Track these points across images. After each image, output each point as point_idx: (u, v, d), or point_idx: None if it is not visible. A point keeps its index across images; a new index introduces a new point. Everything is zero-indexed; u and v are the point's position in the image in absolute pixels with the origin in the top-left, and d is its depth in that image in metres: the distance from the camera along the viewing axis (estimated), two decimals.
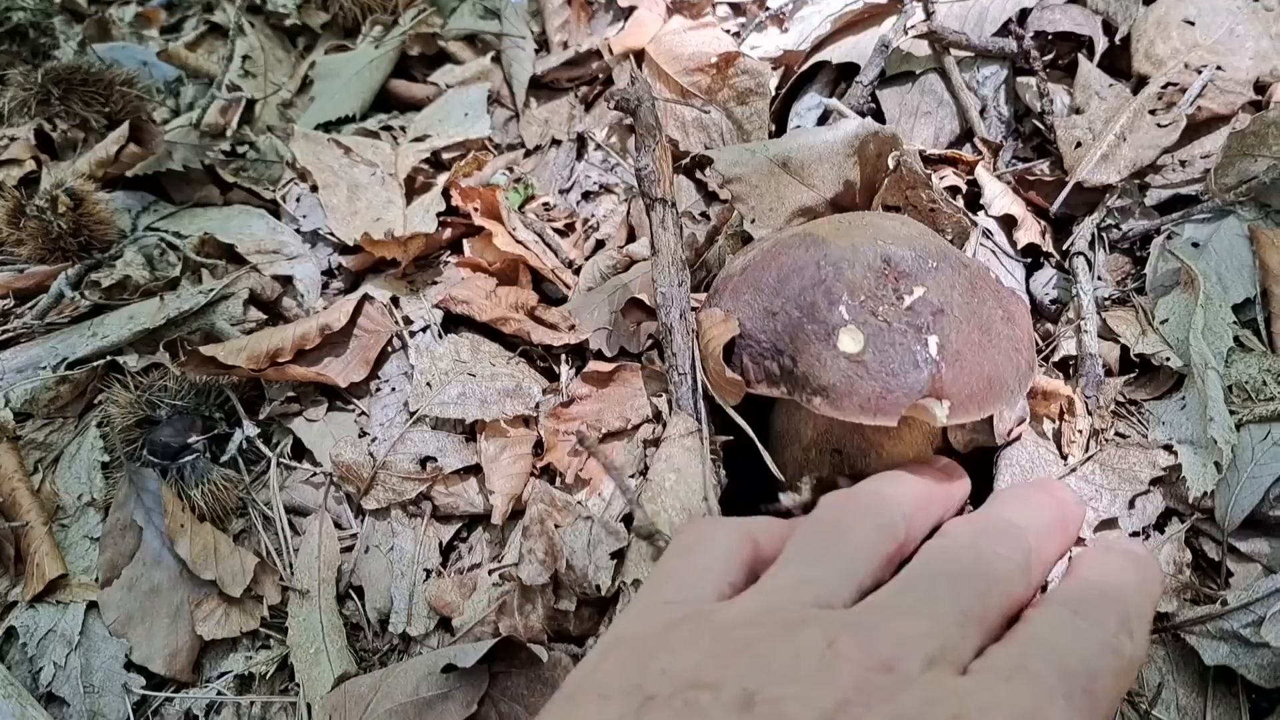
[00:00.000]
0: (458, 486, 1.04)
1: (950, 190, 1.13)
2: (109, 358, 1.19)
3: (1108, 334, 1.04)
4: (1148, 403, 0.99)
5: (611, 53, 1.54)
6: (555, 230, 1.38)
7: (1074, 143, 1.16)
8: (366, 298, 1.19)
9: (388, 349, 1.18)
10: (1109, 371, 1.01)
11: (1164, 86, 1.16)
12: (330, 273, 1.36)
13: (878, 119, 1.28)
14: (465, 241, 1.35)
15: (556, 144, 1.51)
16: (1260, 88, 1.16)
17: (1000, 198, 1.12)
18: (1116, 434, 0.97)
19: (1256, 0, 1.22)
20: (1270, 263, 1.01)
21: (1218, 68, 1.15)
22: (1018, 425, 0.93)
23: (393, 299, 1.22)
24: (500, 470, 1.01)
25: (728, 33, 1.49)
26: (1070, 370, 1.01)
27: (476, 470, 1.04)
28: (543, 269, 1.27)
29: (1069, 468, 0.92)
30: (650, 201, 0.98)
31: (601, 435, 0.99)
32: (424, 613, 0.96)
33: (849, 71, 1.32)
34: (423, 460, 1.06)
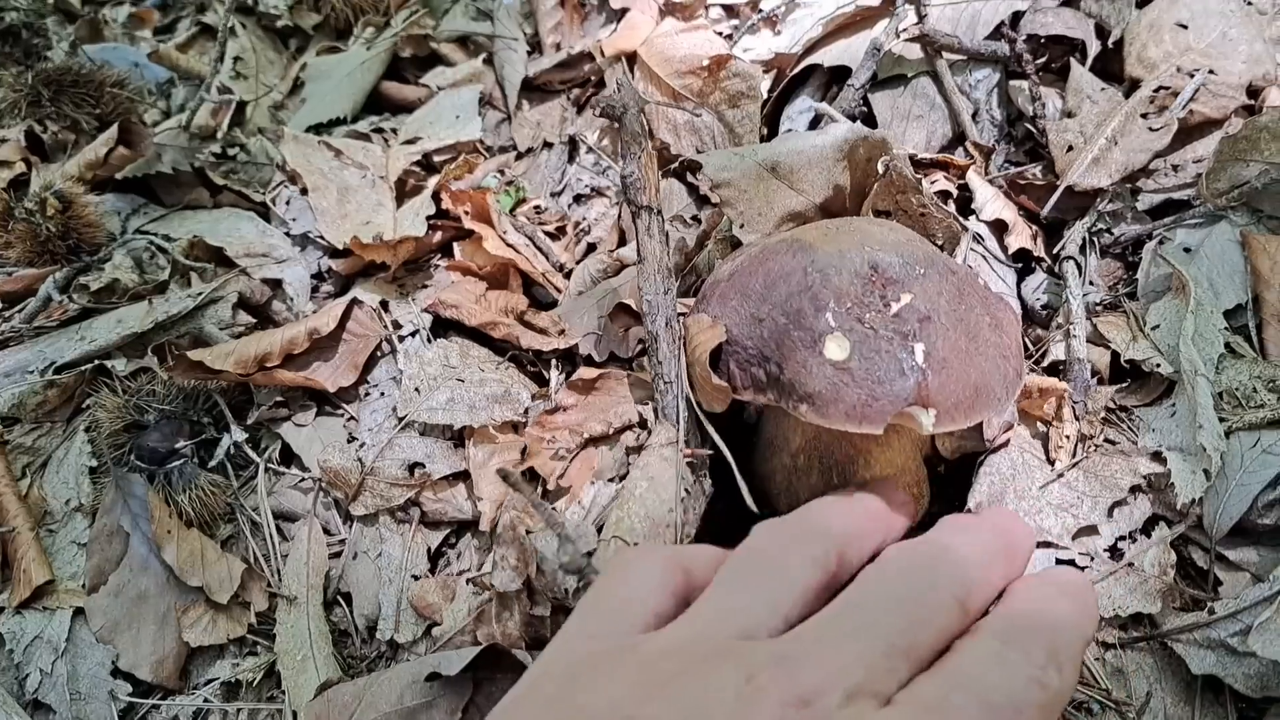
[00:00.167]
0: (446, 493, 1.04)
1: (941, 195, 1.13)
2: (97, 362, 1.18)
3: (1098, 339, 1.04)
4: (1138, 409, 0.99)
5: (604, 55, 1.53)
6: (546, 234, 1.37)
7: (1065, 146, 1.15)
8: (355, 302, 1.19)
9: (377, 353, 1.18)
10: (1100, 379, 1.01)
11: (1156, 90, 1.16)
12: (320, 276, 1.36)
13: (869, 122, 1.27)
14: (456, 245, 1.34)
15: (548, 146, 1.51)
16: (1253, 92, 1.15)
17: (991, 202, 1.12)
18: (1106, 440, 0.97)
19: (1250, 3, 1.21)
20: (1262, 268, 1.01)
21: (1210, 71, 1.15)
22: (1004, 432, 0.92)
23: (382, 303, 1.22)
24: (488, 477, 1.01)
25: (720, 35, 1.48)
26: (1059, 376, 1.01)
27: (465, 476, 1.04)
28: (533, 273, 1.27)
29: (1054, 474, 0.91)
30: (636, 209, 0.98)
31: (584, 441, 0.98)
32: (412, 619, 0.96)
33: (841, 74, 1.31)
34: (411, 466, 1.05)
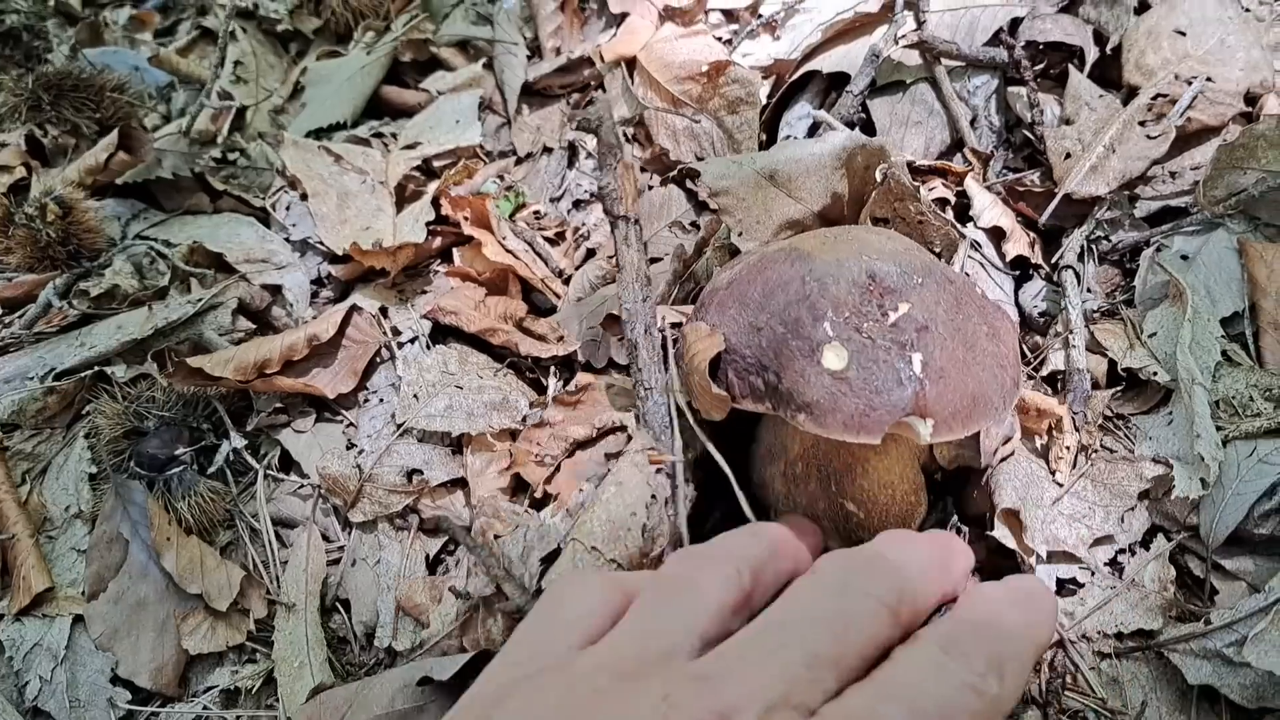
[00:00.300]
0: (444, 499, 1.04)
1: (939, 202, 1.13)
2: (97, 368, 1.19)
3: (1095, 347, 1.04)
4: (1135, 417, 0.99)
5: (603, 60, 1.53)
6: (545, 239, 1.37)
7: (1064, 154, 1.15)
8: (355, 308, 1.19)
9: (376, 360, 1.18)
10: (1096, 385, 1.01)
11: (1154, 97, 1.16)
12: (320, 282, 1.36)
13: (868, 128, 1.27)
14: (455, 250, 1.34)
15: (548, 151, 1.51)
16: (1250, 99, 1.15)
17: (989, 209, 1.12)
18: (1103, 447, 0.97)
19: (1248, 10, 1.21)
20: (1259, 276, 1.01)
21: (1208, 79, 1.15)
22: (1005, 443, 0.93)
23: (381, 309, 1.22)
24: (485, 484, 1.01)
25: (719, 40, 1.48)
26: (1058, 385, 1.01)
27: (463, 483, 1.04)
28: (532, 279, 1.27)
29: (1061, 486, 0.91)
30: (614, 219, 0.99)
31: (570, 447, 0.99)
32: (409, 627, 0.96)
33: (840, 81, 1.31)
34: (409, 473, 1.05)
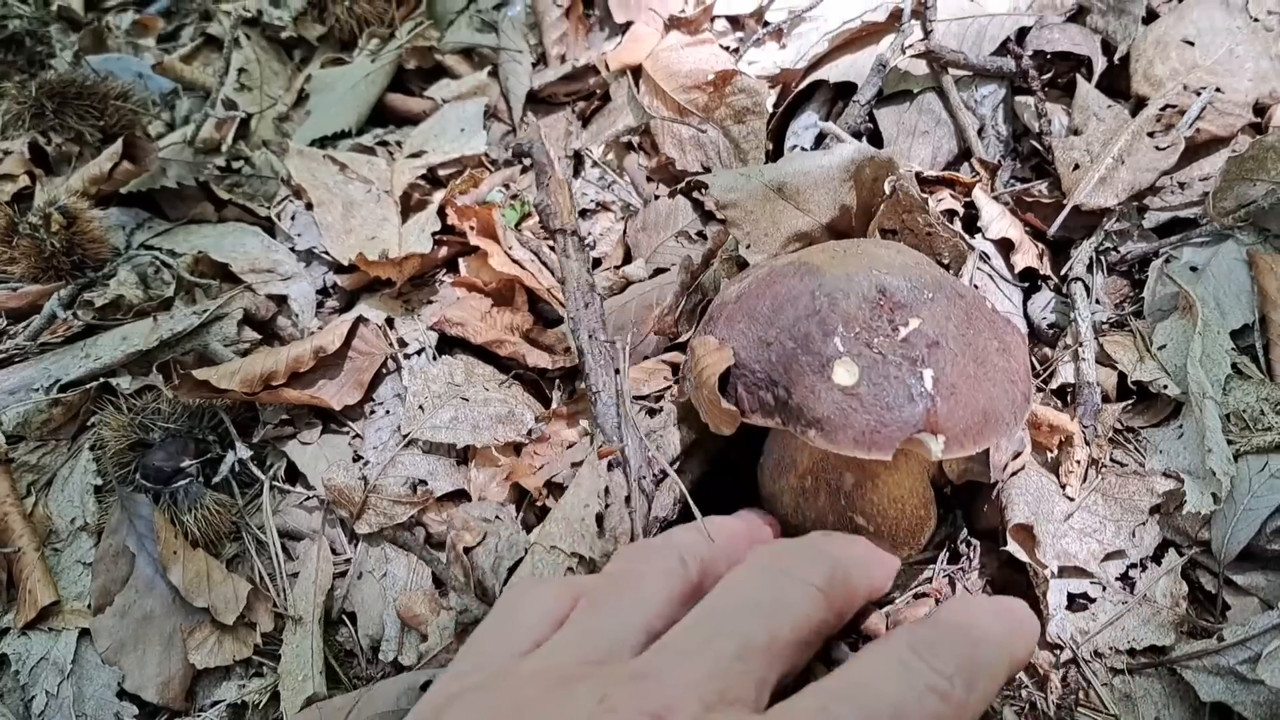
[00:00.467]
0: (449, 511, 1.04)
1: (947, 213, 1.12)
2: (102, 379, 1.18)
3: (1105, 360, 1.03)
4: (1145, 430, 0.99)
5: (608, 68, 1.53)
6: (551, 249, 1.37)
7: (1072, 165, 1.15)
8: (361, 319, 1.19)
9: (382, 371, 1.18)
10: (1106, 398, 1.01)
11: (1163, 108, 1.15)
12: (325, 292, 1.35)
13: (875, 138, 1.27)
14: (461, 260, 1.34)
15: None
16: (1259, 110, 1.15)
17: (998, 220, 1.12)
18: (1113, 461, 0.97)
19: (1256, 21, 1.21)
20: (1269, 288, 1.00)
21: (1217, 89, 1.15)
22: (1016, 458, 0.92)
23: (387, 320, 1.21)
24: (488, 496, 1.01)
25: (725, 48, 1.48)
26: (1068, 398, 1.01)
27: (467, 496, 1.04)
28: (539, 289, 1.27)
29: (1072, 500, 0.91)
30: (550, 233, 1.03)
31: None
32: (415, 641, 0.96)
33: (847, 90, 1.31)
34: (414, 484, 1.05)
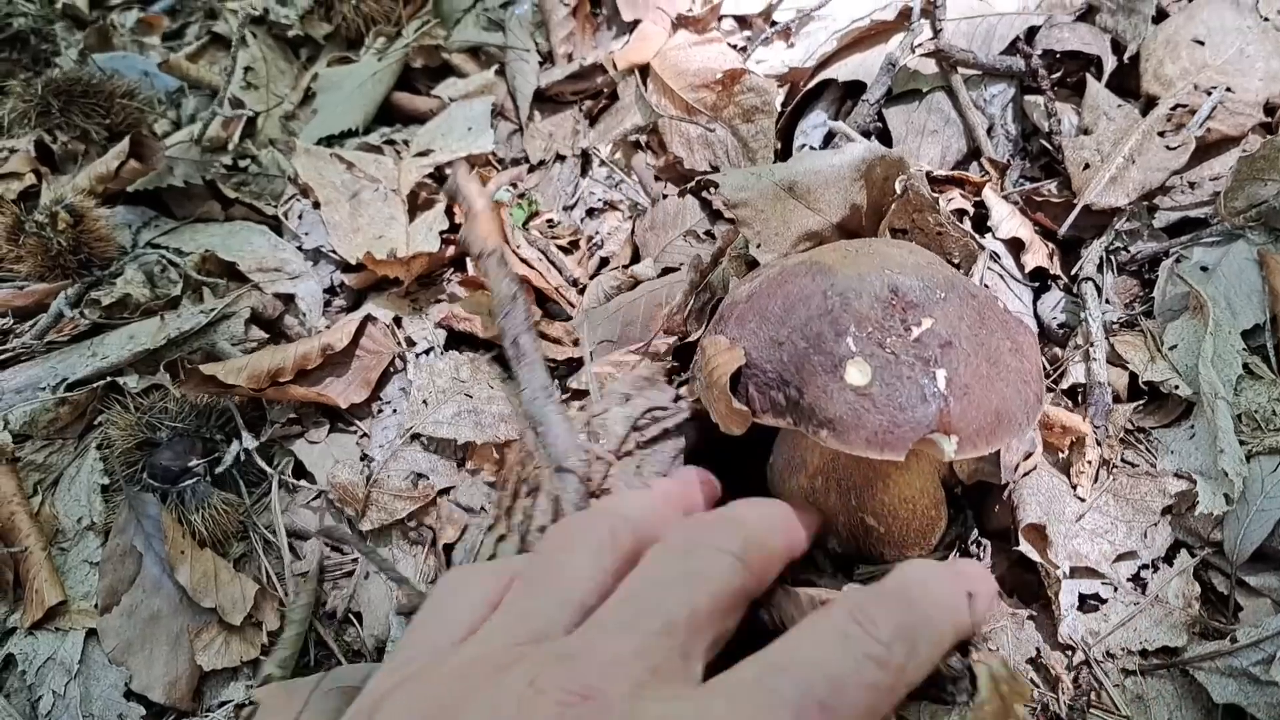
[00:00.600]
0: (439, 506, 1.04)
1: (957, 213, 1.12)
2: (109, 378, 1.18)
3: (1116, 360, 1.03)
4: (1156, 430, 0.98)
5: (616, 67, 1.52)
6: (559, 247, 1.36)
7: (1082, 164, 1.14)
8: (369, 318, 1.18)
9: (390, 370, 1.17)
10: (1117, 398, 1.00)
11: (1173, 108, 1.15)
12: (333, 290, 1.35)
13: (884, 137, 1.27)
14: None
15: (561, 159, 1.50)
16: (1270, 109, 1.15)
17: (1008, 220, 1.11)
18: (1125, 461, 0.96)
19: (1267, 20, 1.20)
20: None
21: (1227, 89, 1.14)
22: (1027, 458, 0.92)
23: (395, 319, 1.21)
24: (475, 491, 1.01)
25: (733, 47, 1.47)
26: (1079, 398, 1.00)
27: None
28: (547, 288, 1.26)
29: (1084, 500, 0.91)
30: (474, 256, 1.12)
31: None
32: None
33: (855, 89, 1.31)
34: (415, 479, 1.04)
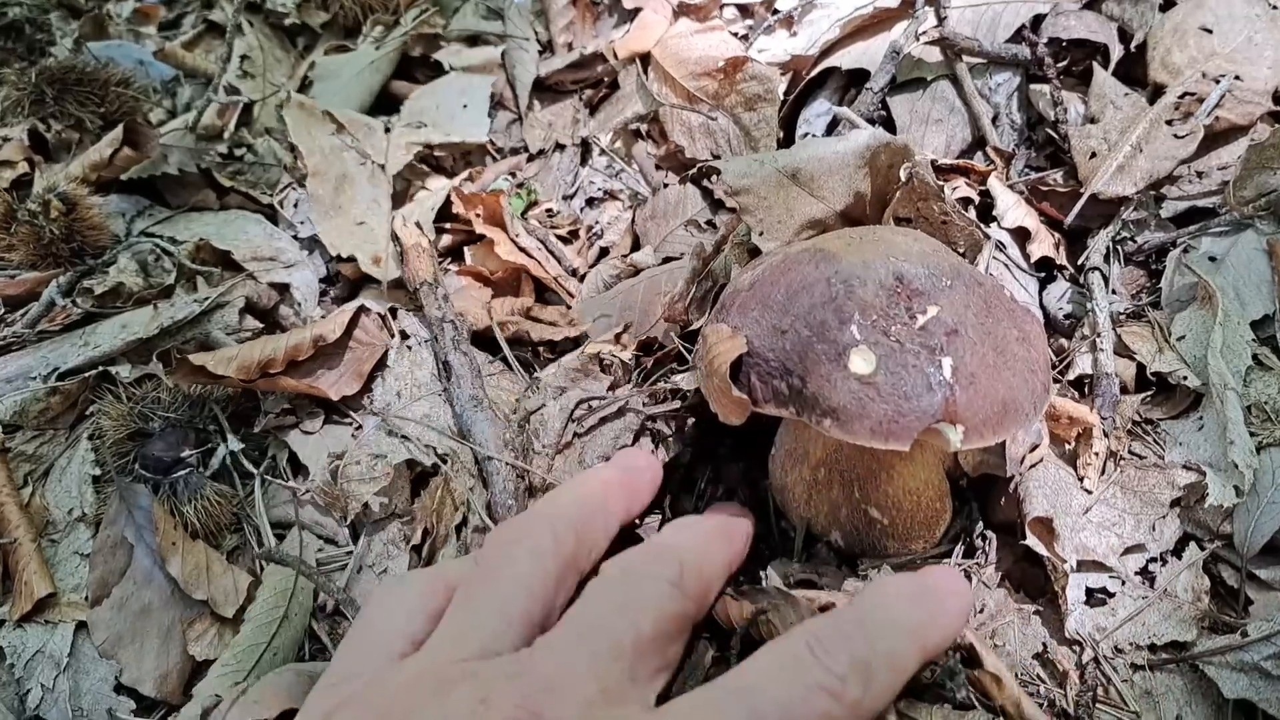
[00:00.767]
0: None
1: (962, 201, 1.10)
2: (101, 368, 1.16)
3: (1123, 350, 1.02)
4: (1164, 422, 0.97)
5: (616, 56, 1.51)
6: (559, 237, 1.35)
7: (1089, 153, 1.13)
8: (363, 309, 1.16)
9: (385, 362, 1.15)
10: (1124, 389, 0.99)
11: (1181, 96, 1.13)
12: (329, 280, 1.33)
13: (888, 126, 1.25)
14: (467, 249, 1.32)
15: (560, 148, 1.49)
16: (1279, 98, 1.13)
17: (1013, 209, 1.10)
18: (1132, 453, 0.95)
19: (1275, 8, 1.19)
20: None
21: (1236, 77, 1.13)
22: (1033, 450, 0.90)
23: (390, 310, 1.19)
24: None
25: (735, 35, 1.46)
26: (1086, 389, 0.99)
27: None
28: (546, 278, 1.25)
29: (1091, 493, 0.89)
30: (412, 290, 1.19)
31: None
32: None
33: (859, 77, 1.29)
34: (376, 459, 1.03)
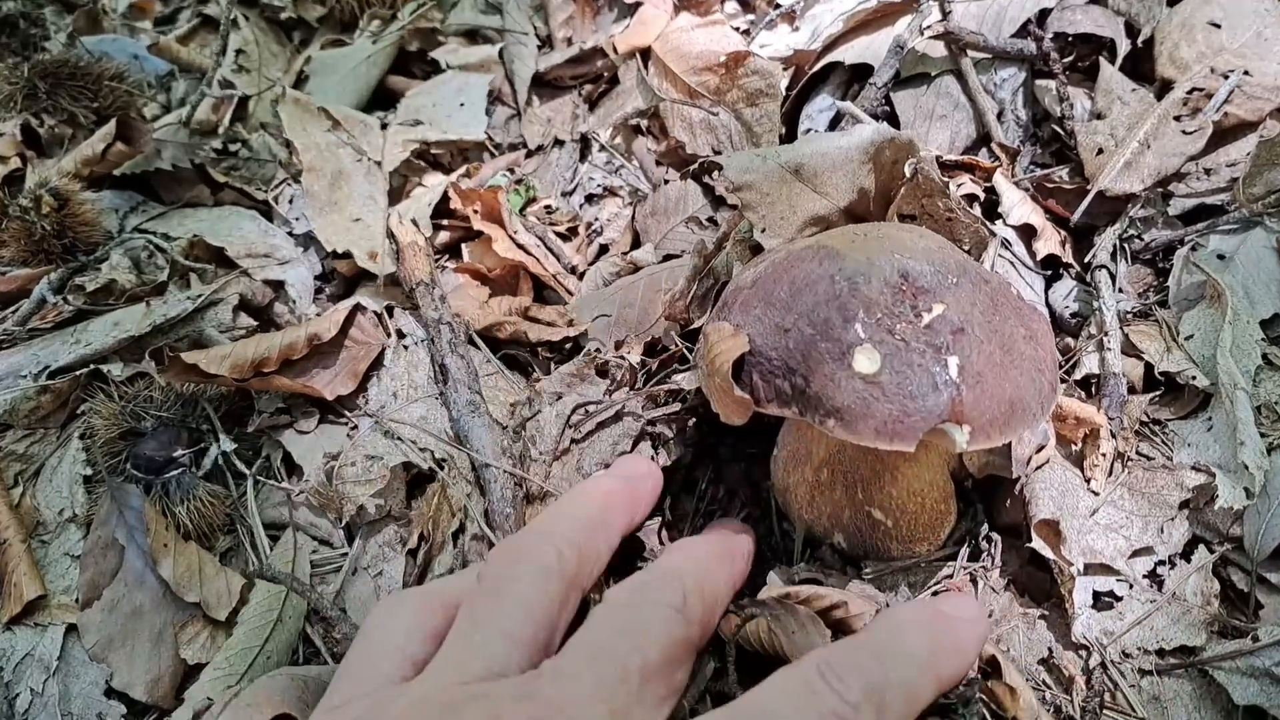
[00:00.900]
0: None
1: (967, 198, 1.09)
2: (92, 366, 1.14)
3: (1130, 350, 1.00)
4: (1172, 422, 0.95)
5: (616, 51, 1.49)
6: (557, 234, 1.33)
7: (1095, 149, 1.11)
8: (359, 307, 1.14)
9: (381, 361, 1.13)
10: (1132, 389, 0.97)
11: (1189, 91, 1.12)
12: (325, 277, 1.32)
13: (891, 122, 1.23)
14: (464, 246, 1.30)
15: (559, 144, 1.47)
16: None
17: (1019, 206, 1.08)
18: (1140, 454, 0.93)
19: None
20: None
21: (1245, 72, 1.11)
22: (1039, 451, 0.89)
23: (387, 308, 1.17)
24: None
25: (737, 30, 1.44)
26: (1092, 389, 0.97)
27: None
28: (544, 275, 1.23)
29: (1098, 494, 0.88)
30: (408, 291, 1.18)
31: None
32: None
33: (862, 72, 1.28)
34: (371, 460, 1.01)
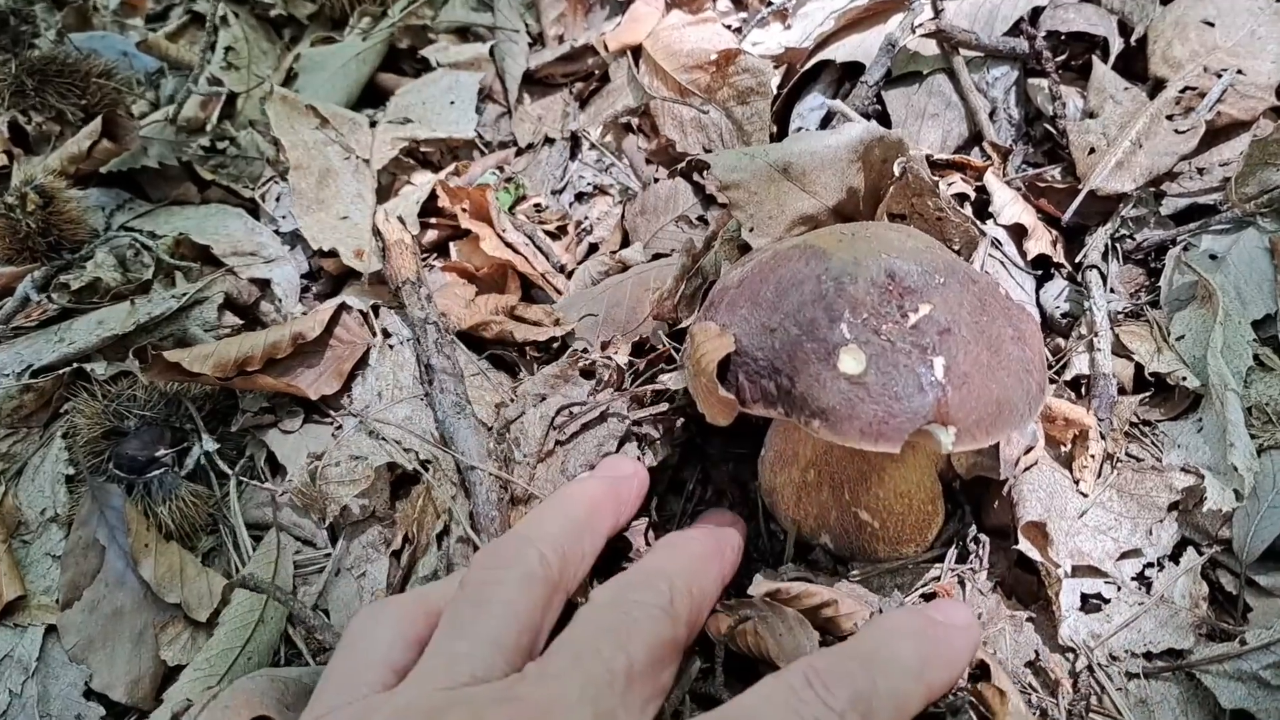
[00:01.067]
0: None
1: (958, 197, 1.08)
2: (76, 365, 1.13)
3: (1120, 350, 0.99)
4: (1162, 423, 0.95)
5: (607, 49, 1.48)
6: (546, 233, 1.32)
7: (1087, 148, 1.11)
8: (344, 306, 1.13)
9: (367, 360, 1.12)
10: (1122, 390, 0.97)
11: (1182, 90, 1.11)
12: (311, 276, 1.31)
13: (883, 121, 1.23)
14: (452, 245, 1.30)
15: (549, 142, 1.46)
16: None
17: (1010, 206, 1.07)
18: (1129, 456, 0.93)
19: (1279, 2, 1.17)
20: None
21: (1238, 71, 1.10)
22: (1028, 452, 0.88)
23: (372, 307, 1.16)
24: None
25: (728, 28, 1.43)
26: (1082, 390, 0.97)
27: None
28: (532, 274, 1.22)
29: (1086, 496, 0.87)
30: (395, 289, 1.16)
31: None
32: None
33: (854, 70, 1.27)
34: (356, 460, 1.01)
